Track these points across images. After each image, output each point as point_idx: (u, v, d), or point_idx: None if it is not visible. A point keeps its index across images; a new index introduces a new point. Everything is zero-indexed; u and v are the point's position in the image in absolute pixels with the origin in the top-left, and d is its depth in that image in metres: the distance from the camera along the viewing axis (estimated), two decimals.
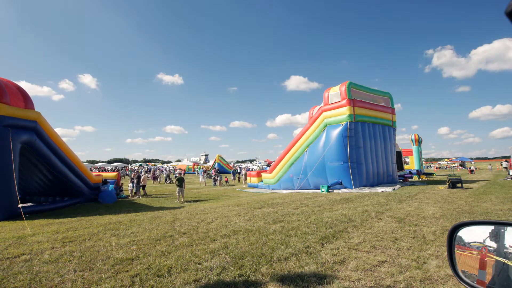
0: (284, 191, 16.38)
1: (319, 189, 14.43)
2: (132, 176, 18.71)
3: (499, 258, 1.00)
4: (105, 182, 14.20)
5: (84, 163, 14.45)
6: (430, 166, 60.19)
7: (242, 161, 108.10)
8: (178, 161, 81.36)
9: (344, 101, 14.95)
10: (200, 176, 25.99)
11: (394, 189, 13.60)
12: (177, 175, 30.78)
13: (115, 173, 17.31)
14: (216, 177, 25.45)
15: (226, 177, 28.62)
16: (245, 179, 22.35)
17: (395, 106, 18.43)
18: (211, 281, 3.15)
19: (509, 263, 0.97)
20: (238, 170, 35.16)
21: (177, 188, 13.70)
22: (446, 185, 13.73)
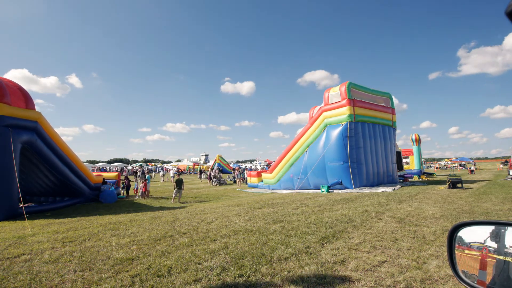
0: (284, 191, 16.37)
1: (319, 189, 14.42)
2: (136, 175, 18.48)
3: (499, 257, 1.00)
4: (104, 182, 14.18)
5: (84, 163, 14.43)
6: (430, 166, 60.17)
7: (243, 161, 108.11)
8: (178, 161, 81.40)
9: (344, 101, 14.95)
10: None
11: (394, 189, 13.59)
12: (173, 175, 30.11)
13: (115, 173, 17.32)
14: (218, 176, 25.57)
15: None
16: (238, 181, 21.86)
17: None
18: (211, 281, 3.15)
19: (510, 263, 0.97)
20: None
21: (175, 189, 13.62)
22: (446, 185, 13.72)
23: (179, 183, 13.59)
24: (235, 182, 27.81)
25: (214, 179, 25.59)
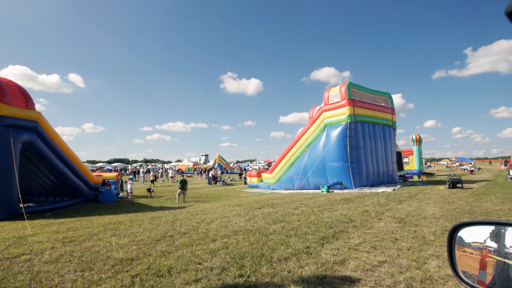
0: (284, 191, 16.37)
1: (319, 189, 14.42)
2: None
3: (499, 258, 1.00)
4: (104, 183, 14.16)
5: (84, 163, 14.43)
6: (430, 166, 60.23)
7: (243, 161, 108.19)
8: (178, 161, 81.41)
9: (344, 101, 14.95)
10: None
11: (394, 189, 13.59)
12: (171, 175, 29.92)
13: (115, 173, 17.33)
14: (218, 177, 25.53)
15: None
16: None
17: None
18: (211, 281, 3.15)
19: (510, 263, 0.97)
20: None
21: (179, 190, 13.57)
22: (446, 185, 13.72)
23: (183, 184, 13.49)
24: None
25: (221, 181, 25.52)
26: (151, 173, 21.46)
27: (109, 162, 79.17)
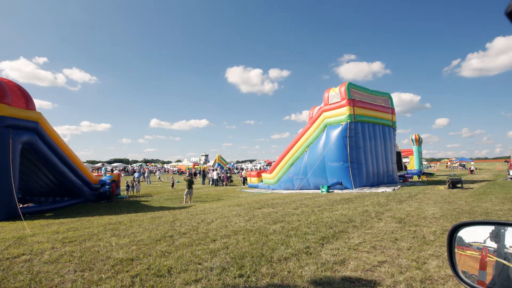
0: (284, 191, 16.38)
1: (319, 189, 14.43)
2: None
3: (499, 259, 1.00)
4: (103, 184, 14.14)
5: (84, 163, 14.41)
6: (430, 166, 60.24)
7: (243, 161, 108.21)
8: (178, 161, 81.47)
9: (344, 101, 14.96)
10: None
11: (394, 189, 13.59)
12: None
13: (115, 174, 17.33)
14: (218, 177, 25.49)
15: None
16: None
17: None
18: (211, 282, 3.15)
19: (510, 264, 0.97)
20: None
21: (187, 189, 13.41)
22: (446, 185, 13.72)
23: (190, 184, 13.47)
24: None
25: (221, 181, 25.37)
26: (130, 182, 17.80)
27: (109, 162, 79.15)
